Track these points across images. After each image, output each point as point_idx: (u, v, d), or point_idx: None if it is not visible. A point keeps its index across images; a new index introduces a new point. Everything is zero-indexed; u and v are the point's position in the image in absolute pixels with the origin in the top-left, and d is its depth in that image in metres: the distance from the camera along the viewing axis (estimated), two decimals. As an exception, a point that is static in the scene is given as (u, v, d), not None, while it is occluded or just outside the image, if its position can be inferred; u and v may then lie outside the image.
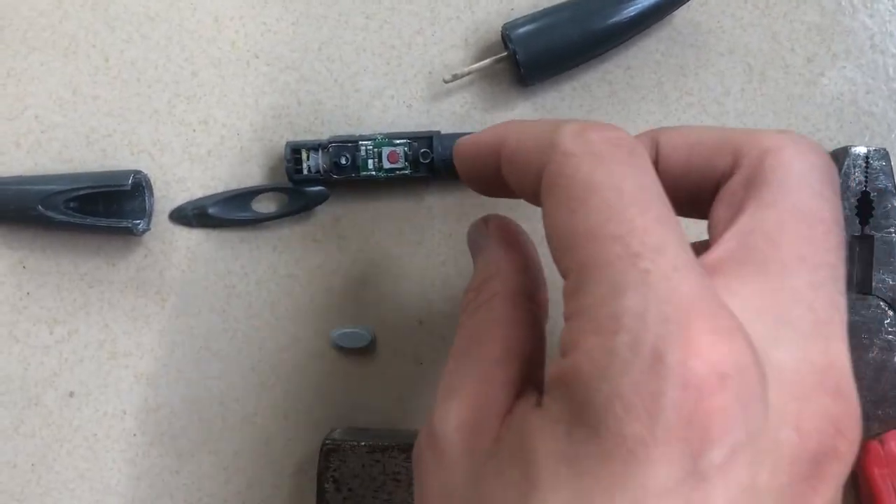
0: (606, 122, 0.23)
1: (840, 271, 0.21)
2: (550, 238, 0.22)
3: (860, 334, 0.36)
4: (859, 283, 0.37)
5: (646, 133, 0.26)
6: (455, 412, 0.23)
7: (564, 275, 0.21)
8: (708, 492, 0.18)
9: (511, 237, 0.28)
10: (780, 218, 0.21)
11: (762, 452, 0.18)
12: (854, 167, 0.37)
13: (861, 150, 0.37)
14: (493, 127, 0.27)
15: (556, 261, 0.21)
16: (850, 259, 0.37)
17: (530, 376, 0.24)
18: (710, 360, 0.18)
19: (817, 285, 0.20)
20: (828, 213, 0.22)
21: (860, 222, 0.37)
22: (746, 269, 0.21)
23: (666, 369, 0.18)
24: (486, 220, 0.29)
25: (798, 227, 0.21)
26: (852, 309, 0.36)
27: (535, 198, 0.23)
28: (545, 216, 0.22)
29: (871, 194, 0.37)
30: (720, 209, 0.23)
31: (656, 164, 0.25)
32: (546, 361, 0.25)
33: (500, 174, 0.26)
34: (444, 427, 0.23)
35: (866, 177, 0.37)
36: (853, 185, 0.37)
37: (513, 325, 0.25)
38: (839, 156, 0.37)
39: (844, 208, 0.37)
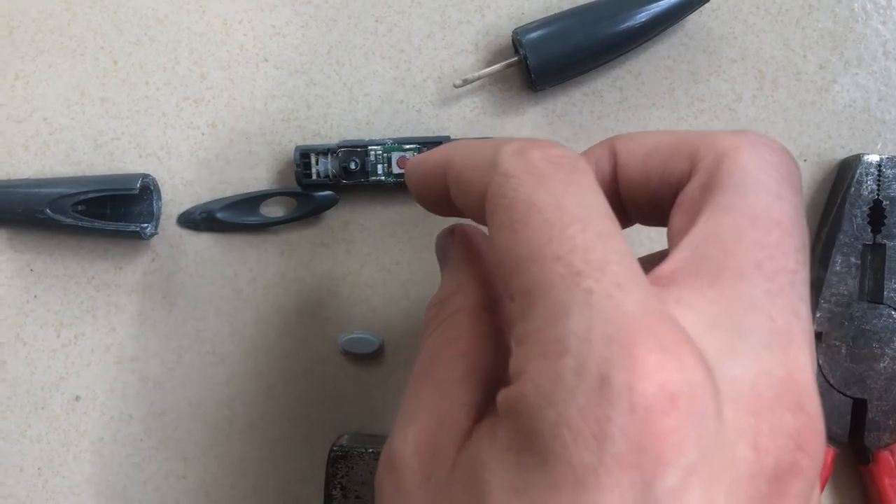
0: (548, 140, 0.22)
1: (800, 276, 0.20)
2: (496, 261, 0.21)
3: (871, 344, 0.36)
4: (871, 293, 0.37)
5: (604, 141, 0.25)
6: (413, 437, 0.22)
7: (511, 298, 0.20)
8: None
9: (475, 248, 0.27)
10: (736, 223, 0.20)
11: (718, 472, 0.18)
12: (866, 175, 0.37)
13: (874, 158, 0.37)
14: (440, 147, 0.26)
15: (504, 284, 0.21)
16: (863, 268, 0.37)
17: (494, 395, 0.23)
18: (657, 381, 0.17)
19: (775, 293, 0.20)
20: (785, 216, 0.21)
21: (872, 231, 0.36)
22: (700, 279, 0.20)
23: (613, 393, 0.17)
24: (451, 230, 0.28)
25: (754, 233, 0.20)
26: (864, 318, 0.36)
27: (482, 218, 0.22)
28: (490, 238, 0.21)
29: (884, 203, 0.36)
30: (677, 217, 0.22)
31: (615, 172, 0.24)
32: None
33: (449, 195, 0.25)
34: (402, 453, 0.22)
35: (879, 185, 0.37)
36: (865, 193, 0.37)
37: (475, 343, 0.24)
38: (851, 163, 0.37)
39: (857, 217, 0.36)
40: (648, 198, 0.24)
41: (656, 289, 0.20)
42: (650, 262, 0.21)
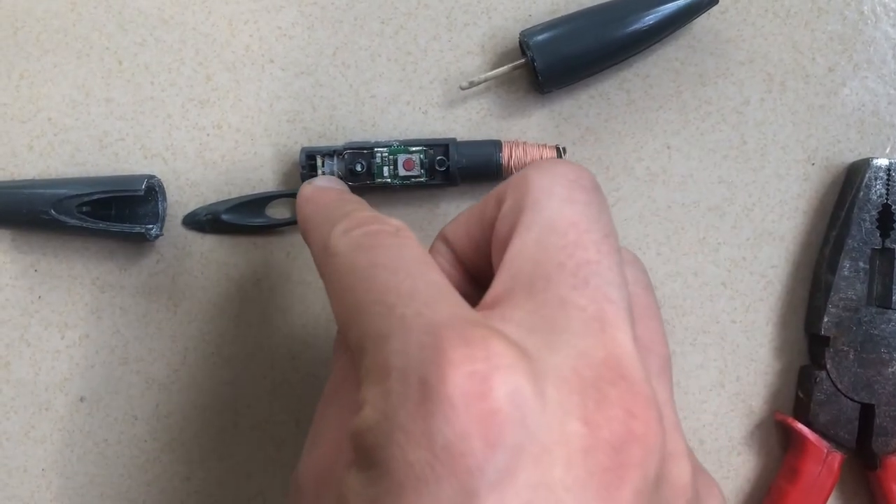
0: (376, 215, 0.25)
1: (605, 264, 0.22)
2: (338, 326, 0.24)
3: (880, 349, 0.36)
4: (879, 297, 0.36)
5: (436, 237, 0.28)
6: (313, 462, 0.23)
7: (353, 354, 0.22)
8: (501, 498, 0.18)
9: None
10: (538, 236, 0.22)
11: (550, 448, 0.18)
12: (875, 179, 0.36)
13: (883, 161, 0.36)
14: (305, 206, 0.29)
15: (346, 344, 0.23)
16: (871, 272, 0.36)
17: None
18: (465, 370, 0.18)
19: (581, 286, 0.21)
20: (580, 215, 0.22)
21: (881, 235, 0.36)
22: (517, 294, 0.22)
23: (430, 390, 0.18)
24: None
25: (552, 238, 0.22)
26: (872, 323, 0.36)
27: None
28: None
29: (893, 207, 0.36)
30: (495, 253, 0.24)
31: (454, 254, 0.27)
32: None
33: None
34: (302, 478, 0.24)
35: (888, 189, 0.36)
36: (874, 197, 0.36)
37: None
38: (860, 167, 0.37)
39: (865, 221, 0.36)
40: (483, 258, 0.26)
41: (484, 312, 0.22)
42: None
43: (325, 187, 0.31)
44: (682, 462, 0.22)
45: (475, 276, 0.27)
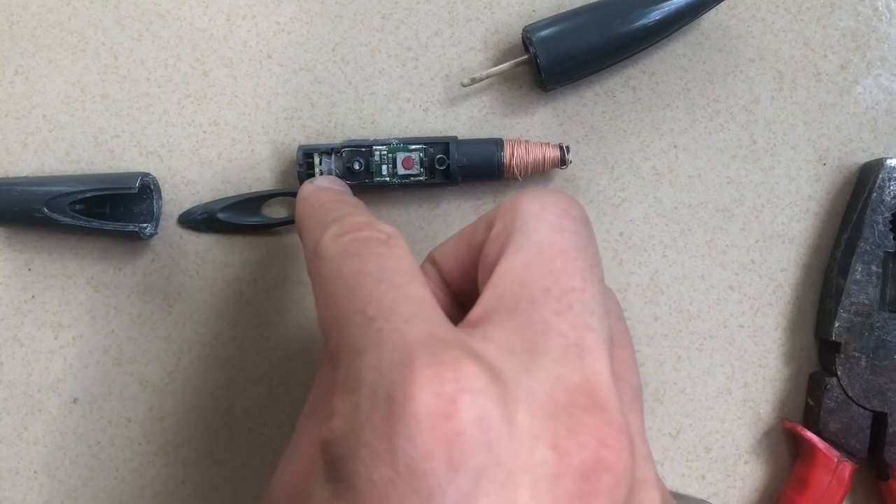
0: (371, 221, 0.25)
1: (589, 292, 0.22)
2: (321, 332, 0.24)
3: (892, 355, 0.35)
4: (892, 302, 0.35)
5: (426, 258, 0.28)
6: (287, 478, 0.24)
7: (329, 360, 0.22)
8: None
9: None
10: (526, 259, 0.23)
11: (516, 473, 0.18)
12: (889, 180, 0.35)
13: (896, 162, 0.35)
14: (302, 205, 0.29)
15: (326, 349, 0.23)
16: (884, 276, 0.35)
17: None
18: (433, 391, 0.18)
19: (564, 311, 0.21)
20: (568, 243, 0.23)
21: (894, 238, 0.35)
22: (500, 314, 0.22)
23: (397, 407, 0.18)
24: None
25: (540, 263, 0.22)
26: (884, 328, 0.35)
27: None
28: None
29: (907, 209, 0.35)
30: (481, 275, 0.24)
31: (441, 276, 0.27)
32: None
33: None
34: (274, 493, 0.24)
35: (902, 190, 0.35)
36: (888, 198, 0.35)
37: None
38: (873, 168, 0.36)
39: (878, 223, 0.35)
40: (470, 281, 0.26)
41: (466, 329, 0.22)
42: None
43: (325, 187, 0.31)
44: (652, 491, 0.22)
45: (461, 300, 0.27)
